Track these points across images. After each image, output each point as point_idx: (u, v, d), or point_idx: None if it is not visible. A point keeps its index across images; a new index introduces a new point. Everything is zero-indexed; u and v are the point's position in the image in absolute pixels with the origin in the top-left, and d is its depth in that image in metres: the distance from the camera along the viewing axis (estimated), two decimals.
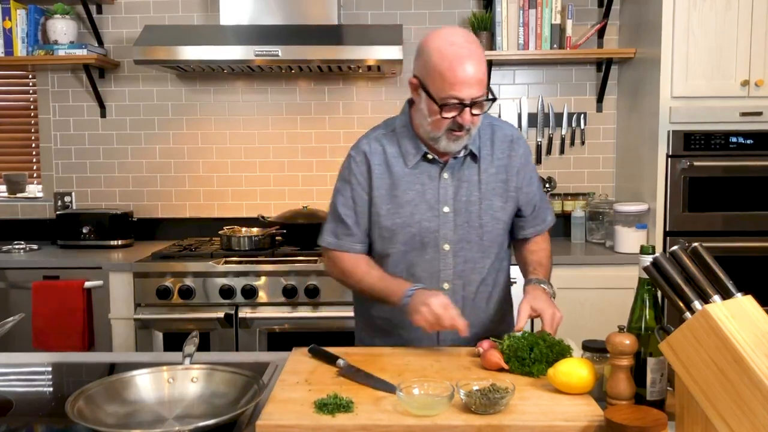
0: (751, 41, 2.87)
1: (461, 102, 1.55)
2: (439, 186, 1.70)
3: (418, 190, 1.70)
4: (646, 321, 1.28)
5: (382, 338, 1.80)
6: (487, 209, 1.71)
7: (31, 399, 1.50)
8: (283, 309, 2.83)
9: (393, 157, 1.71)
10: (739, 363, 1.04)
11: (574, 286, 2.89)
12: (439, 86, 1.55)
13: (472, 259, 1.72)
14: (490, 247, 1.74)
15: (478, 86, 1.55)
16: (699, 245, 1.21)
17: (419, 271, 1.71)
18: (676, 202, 2.93)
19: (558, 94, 3.49)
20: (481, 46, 1.61)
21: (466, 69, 1.53)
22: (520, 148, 1.77)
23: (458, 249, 1.71)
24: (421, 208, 1.69)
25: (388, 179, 1.71)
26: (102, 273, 2.88)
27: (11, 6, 3.22)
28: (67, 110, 3.52)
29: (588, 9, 3.43)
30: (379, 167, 1.71)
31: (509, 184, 1.74)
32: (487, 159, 1.72)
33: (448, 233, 1.70)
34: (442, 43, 1.56)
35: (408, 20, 3.43)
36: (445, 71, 1.54)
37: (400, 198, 1.70)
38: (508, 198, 1.74)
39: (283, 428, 1.21)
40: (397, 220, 1.70)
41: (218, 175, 3.53)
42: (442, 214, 1.70)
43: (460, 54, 1.54)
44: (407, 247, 1.71)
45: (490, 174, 1.72)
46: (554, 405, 1.28)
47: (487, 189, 1.71)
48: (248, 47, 2.95)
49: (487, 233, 1.72)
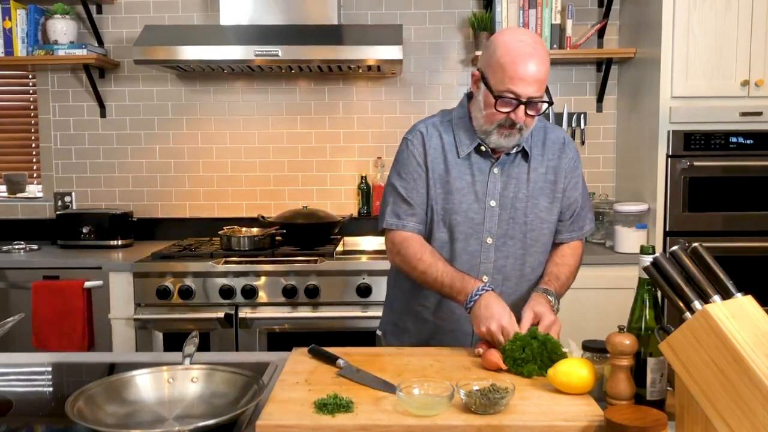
0: (751, 41, 2.87)
1: (517, 98, 1.57)
2: (488, 180, 1.72)
3: (468, 181, 1.72)
4: (646, 321, 1.28)
5: (416, 324, 1.81)
6: (533, 208, 1.73)
7: (31, 399, 1.50)
8: (283, 309, 2.83)
9: (448, 144, 1.73)
10: (739, 363, 1.04)
11: (574, 286, 2.85)
12: (499, 79, 1.58)
13: (514, 255, 1.74)
14: (532, 246, 1.75)
15: (537, 86, 1.57)
16: (699, 245, 1.21)
17: (461, 261, 1.72)
18: (676, 202, 2.93)
19: (558, 94, 3.49)
20: (547, 50, 1.63)
21: (527, 66, 1.56)
22: (571, 152, 1.79)
23: (501, 244, 1.73)
24: (468, 198, 1.71)
25: (442, 164, 1.73)
26: (102, 273, 2.88)
27: (11, 6, 3.22)
28: (67, 110, 3.52)
29: (588, 9, 3.43)
30: (435, 150, 1.73)
31: (557, 186, 1.76)
32: (538, 159, 1.74)
33: (492, 227, 1.72)
34: (510, 39, 1.59)
35: (408, 20, 3.43)
36: (506, 65, 1.56)
37: (451, 185, 1.71)
38: (555, 199, 1.76)
39: (283, 428, 1.21)
40: (446, 206, 1.72)
41: (218, 175, 3.53)
42: (489, 207, 1.71)
43: (524, 51, 1.56)
44: (452, 235, 1.72)
45: (539, 174, 1.74)
46: (554, 405, 1.29)
47: (535, 188, 1.73)
48: (248, 47, 2.95)
49: (531, 231, 1.73)
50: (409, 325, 1.85)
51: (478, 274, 1.72)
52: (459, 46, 3.48)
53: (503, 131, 1.64)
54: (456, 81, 3.49)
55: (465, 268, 1.70)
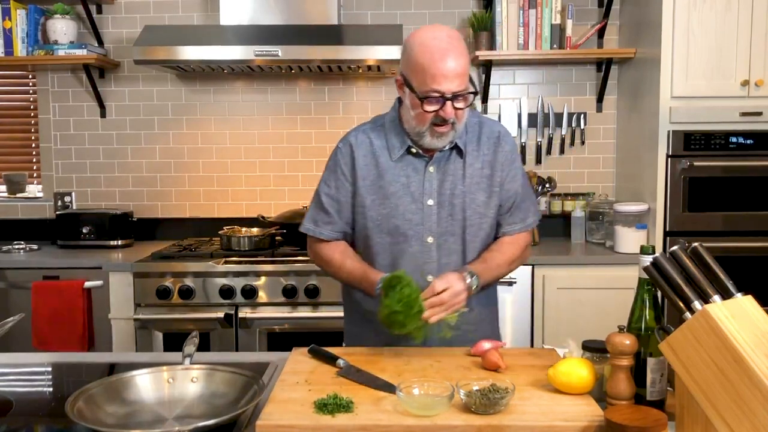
0: (751, 41, 2.87)
1: (442, 95, 1.58)
2: (424, 179, 1.72)
3: (403, 183, 1.72)
4: (646, 321, 1.28)
5: (374, 335, 1.76)
6: (470, 203, 1.73)
7: (31, 399, 1.50)
8: (283, 309, 2.83)
9: (379, 149, 1.74)
10: (739, 363, 1.04)
11: (574, 286, 2.90)
12: (421, 80, 1.58)
13: (456, 252, 1.74)
14: (472, 242, 1.75)
15: (459, 80, 1.58)
16: (699, 245, 1.21)
17: (404, 263, 1.72)
18: (676, 202, 2.93)
19: (558, 94, 3.49)
20: (463, 43, 1.63)
21: (446, 62, 1.56)
22: (507, 145, 1.78)
23: (442, 242, 1.73)
24: (405, 200, 1.72)
25: (374, 170, 1.73)
26: (102, 273, 2.88)
27: (11, 6, 3.22)
28: (67, 110, 3.52)
29: (588, 9, 3.43)
30: (365, 158, 1.74)
31: (494, 180, 1.75)
32: (473, 154, 1.74)
33: (432, 225, 1.72)
34: (424, 38, 1.60)
35: (408, 20, 3.43)
36: (425, 64, 1.57)
37: (386, 189, 1.72)
38: (492, 193, 1.75)
39: (283, 428, 1.21)
40: (383, 211, 1.72)
41: (218, 175, 3.53)
42: (426, 206, 1.72)
43: (440, 47, 1.57)
44: (392, 238, 1.73)
45: (475, 168, 1.74)
46: (554, 405, 1.28)
47: (472, 183, 1.73)
48: (248, 47, 2.95)
49: (470, 227, 1.73)
50: (366, 335, 1.79)
51: (422, 275, 1.71)
52: None
53: (436, 131, 1.63)
54: None
55: (409, 269, 1.68)
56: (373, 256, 1.76)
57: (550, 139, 3.50)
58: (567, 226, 3.38)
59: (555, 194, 3.45)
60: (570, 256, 3.01)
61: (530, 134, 3.50)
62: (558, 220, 3.45)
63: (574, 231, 3.32)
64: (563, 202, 3.44)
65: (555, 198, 3.45)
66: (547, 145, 3.50)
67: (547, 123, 3.49)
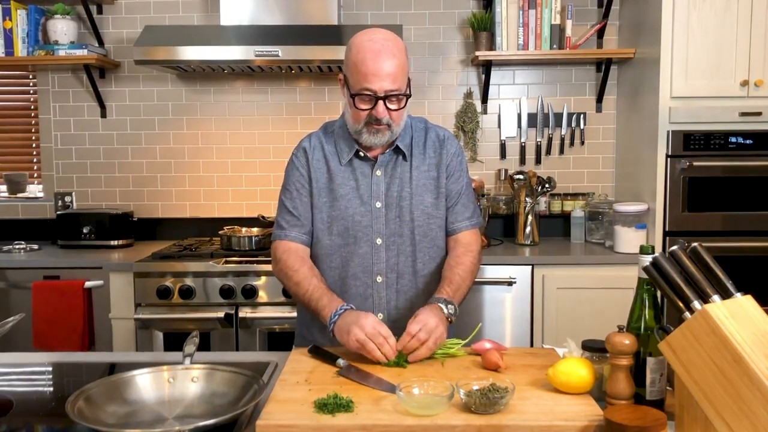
0: (751, 41, 2.87)
1: (374, 94, 1.64)
2: (372, 182, 1.77)
3: (352, 186, 1.78)
4: (645, 321, 1.29)
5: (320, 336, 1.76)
6: (418, 204, 1.77)
7: (31, 399, 1.50)
8: (283, 309, 2.83)
9: (330, 153, 1.81)
10: (739, 363, 1.04)
11: (574, 286, 2.90)
12: (355, 79, 1.66)
13: (405, 253, 1.78)
14: (421, 242, 1.79)
15: (390, 80, 1.63)
16: (698, 245, 1.21)
17: (353, 264, 1.76)
18: (676, 202, 2.94)
19: (558, 95, 3.49)
20: (402, 46, 1.69)
21: (377, 62, 1.62)
22: (452, 147, 1.83)
23: (390, 243, 1.77)
24: (354, 203, 1.77)
25: (326, 173, 1.79)
26: (102, 273, 2.88)
27: (11, 6, 3.22)
28: (67, 110, 3.53)
29: (588, 9, 3.43)
30: (318, 161, 1.80)
31: (440, 181, 1.80)
32: (420, 158, 1.80)
33: (380, 227, 1.76)
34: (361, 39, 1.68)
35: (408, 20, 3.43)
36: (358, 63, 1.64)
37: (336, 192, 1.77)
38: (439, 194, 1.80)
39: (283, 428, 1.21)
40: (333, 212, 1.77)
41: (218, 175, 3.53)
42: (375, 209, 1.76)
43: (374, 48, 1.64)
44: (342, 240, 1.77)
45: (421, 171, 1.79)
46: (554, 405, 1.29)
47: (418, 185, 1.78)
48: (248, 47, 2.96)
49: (418, 227, 1.78)
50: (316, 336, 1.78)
51: (372, 275, 1.76)
52: (459, 46, 3.48)
53: (372, 129, 1.69)
54: (456, 81, 3.49)
55: (359, 270, 1.75)
56: (324, 257, 1.79)
57: (549, 139, 3.50)
58: (567, 226, 3.38)
59: (555, 194, 3.45)
60: (570, 256, 3.01)
61: (530, 134, 3.51)
62: (558, 220, 3.45)
63: (573, 231, 3.32)
64: (563, 202, 3.45)
65: (555, 198, 3.45)
66: (546, 145, 3.50)
67: (547, 123, 3.49)
